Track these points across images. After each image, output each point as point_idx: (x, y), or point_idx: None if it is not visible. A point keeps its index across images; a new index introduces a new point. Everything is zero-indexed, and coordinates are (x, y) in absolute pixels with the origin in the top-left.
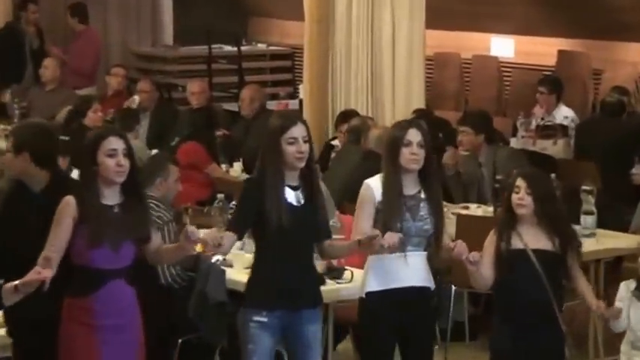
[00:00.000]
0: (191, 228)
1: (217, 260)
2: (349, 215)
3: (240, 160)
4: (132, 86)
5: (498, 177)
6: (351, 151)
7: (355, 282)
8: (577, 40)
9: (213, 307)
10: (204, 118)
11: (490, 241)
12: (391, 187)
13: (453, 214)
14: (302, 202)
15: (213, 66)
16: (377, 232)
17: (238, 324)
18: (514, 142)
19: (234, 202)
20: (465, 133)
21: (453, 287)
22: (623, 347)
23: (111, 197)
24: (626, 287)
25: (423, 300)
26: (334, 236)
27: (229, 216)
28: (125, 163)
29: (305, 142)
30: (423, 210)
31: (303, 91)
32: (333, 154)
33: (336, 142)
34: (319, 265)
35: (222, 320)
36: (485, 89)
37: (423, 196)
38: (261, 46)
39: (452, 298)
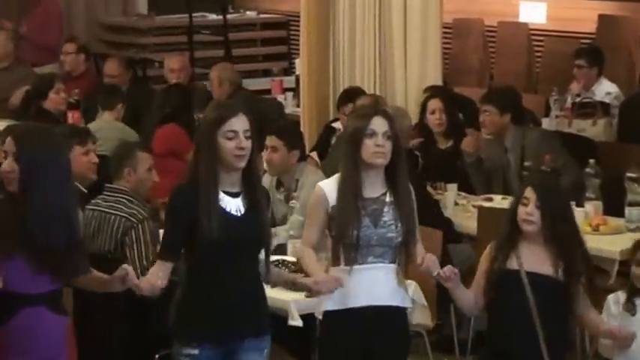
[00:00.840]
0: (126, 271)
1: None
2: None
3: None
4: (101, 63)
5: (527, 163)
6: None
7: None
8: (621, 2)
9: None
10: (180, 97)
11: (486, 257)
12: (347, 188)
13: (473, 206)
14: (242, 211)
15: (195, 37)
16: (340, 278)
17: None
18: (546, 123)
19: None
20: (489, 114)
21: None
22: None
23: None
24: (615, 301)
25: (390, 322)
26: None
27: None
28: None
29: (247, 137)
30: (388, 215)
31: (299, 66)
32: (334, 139)
33: (337, 125)
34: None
35: None
36: (513, 62)
37: (388, 199)
38: (251, 14)
39: None
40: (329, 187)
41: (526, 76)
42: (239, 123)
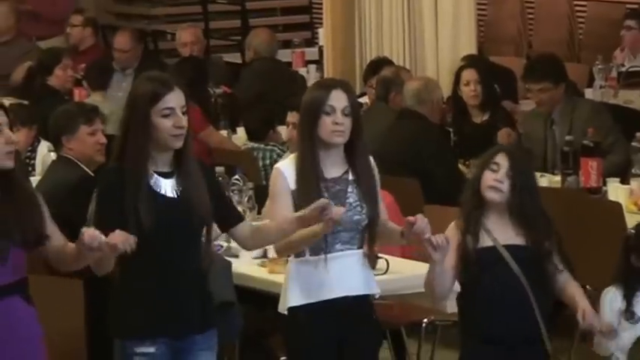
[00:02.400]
0: (90, 232)
1: (219, 248)
2: (383, 190)
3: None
4: (109, 36)
5: (568, 138)
6: (382, 109)
7: (392, 274)
8: None
9: (217, 309)
10: (194, 71)
11: (453, 235)
12: (306, 168)
13: None
14: (177, 192)
15: (210, 7)
16: (326, 200)
17: None
18: (590, 94)
19: (236, 177)
20: (544, 90)
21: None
22: None
23: None
24: (611, 299)
25: (365, 312)
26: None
27: (231, 193)
28: (14, 139)
29: (184, 113)
30: (352, 196)
31: (323, 36)
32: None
33: (364, 100)
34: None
35: (230, 325)
36: (554, 29)
37: (351, 177)
38: None
39: None
40: (287, 168)
41: (568, 45)
42: (175, 99)
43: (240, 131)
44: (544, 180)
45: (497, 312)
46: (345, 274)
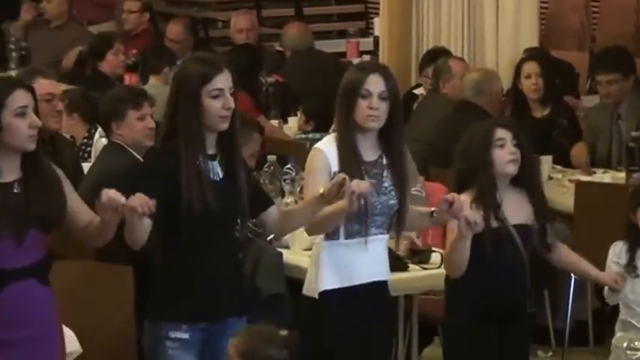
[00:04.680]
0: (111, 193)
1: (270, 239)
2: (437, 183)
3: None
4: (159, 22)
5: (635, 133)
6: (437, 99)
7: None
8: None
9: (266, 302)
10: (248, 59)
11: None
12: (347, 151)
13: (570, 181)
14: (221, 175)
15: None
16: (343, 175)
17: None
18: None
19: (288, 166)
20: (613, 82)
21: (573, 276)
22: (619, 332)
23: (9, 172)
24: (617, 253)
25: (387, 298)
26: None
27: (284, 183)
28: (38, 123)
29: (232, 94)
30: (387, 180)
31: (379, 26)
32: (415, 106)
33: (420, 91)
34: (402, 246)
35: (278, 316)
36: (619, 22)
37: (385, 162)
38: None
39: (571, 291)
40: (329, 149)
41: (634, 39)
42: (224, 80)
43: (292, 121)
44: (607, 176)
45: (498, 286)
46: (377, 259)
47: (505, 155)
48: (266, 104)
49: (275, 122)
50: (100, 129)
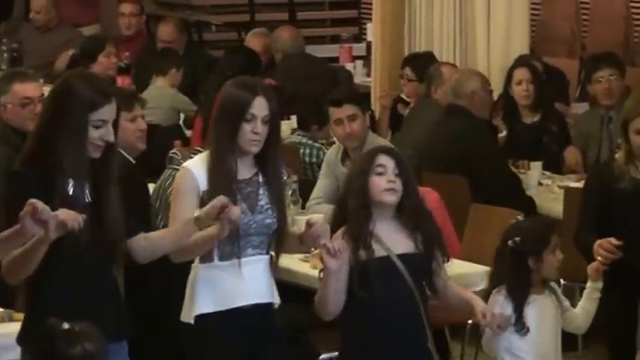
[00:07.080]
0: (41, 206)
1: None
2: (429, 188)
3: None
4: (153, 25)
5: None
6: (428, 105)
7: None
8: None
9: None
10: (247, 61)
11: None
12: (223, 171)
13: (559, 187)
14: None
15: None
16: (224, 198)
17: None
18: None
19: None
20: (615, 77)
21: (562, 281)
22: None
23: None
24: (500, 304)
25: (272, 320)
26: None
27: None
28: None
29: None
30: (263, 198)
31: (371, 31)
32: (406, 112)
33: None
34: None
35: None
36: (609, 31)
37: (261, 179)
38: None
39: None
40: (197, 168)
41: (623, 47)
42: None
43: (284, 124)
44: None
45: (387, 323)
46: (256, 280)
47: (382, 183)
48: None
49: None
50: None
